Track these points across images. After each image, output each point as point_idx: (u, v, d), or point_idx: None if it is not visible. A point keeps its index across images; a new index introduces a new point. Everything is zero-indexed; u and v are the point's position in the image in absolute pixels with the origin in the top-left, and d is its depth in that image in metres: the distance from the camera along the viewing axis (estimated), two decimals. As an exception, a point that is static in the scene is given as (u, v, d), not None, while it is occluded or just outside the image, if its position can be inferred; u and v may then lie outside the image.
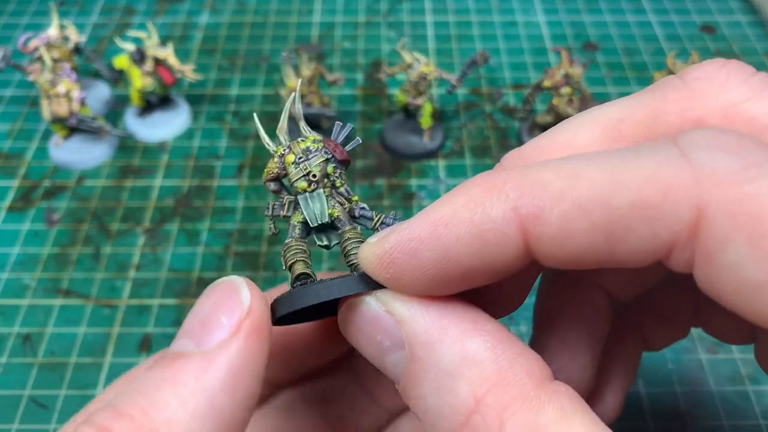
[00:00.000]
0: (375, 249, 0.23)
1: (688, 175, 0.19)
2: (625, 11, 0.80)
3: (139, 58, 0.62)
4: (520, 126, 0.65)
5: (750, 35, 0.76)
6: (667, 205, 0.19)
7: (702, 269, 0.19)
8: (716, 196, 0.18)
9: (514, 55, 0.74)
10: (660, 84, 0.25)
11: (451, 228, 0.21)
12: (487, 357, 0.21)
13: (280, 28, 0.79)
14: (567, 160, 0.21)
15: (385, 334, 0.23)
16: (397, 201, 0.59)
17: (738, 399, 0.44)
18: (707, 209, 0.18)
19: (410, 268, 0.22)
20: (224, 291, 0.24)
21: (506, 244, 0.21)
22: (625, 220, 0.19)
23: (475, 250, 0.21)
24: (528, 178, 0.21)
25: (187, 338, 0.23)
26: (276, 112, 0.67)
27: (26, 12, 0.81)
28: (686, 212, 0.19)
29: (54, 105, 0.60)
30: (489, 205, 0.21)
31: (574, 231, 0.20)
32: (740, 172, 0.18)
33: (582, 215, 0.20)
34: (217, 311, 0.23)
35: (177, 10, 0.81)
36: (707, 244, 0.19)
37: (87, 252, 0.55)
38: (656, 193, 0.19)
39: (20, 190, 0.60)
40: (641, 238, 0.19)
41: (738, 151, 0.19)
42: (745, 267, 0.18)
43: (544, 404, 0.20)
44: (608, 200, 0.19)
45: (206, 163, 0.62)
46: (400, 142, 0.63)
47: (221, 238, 0.56)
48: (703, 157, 0.19)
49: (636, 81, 0.71)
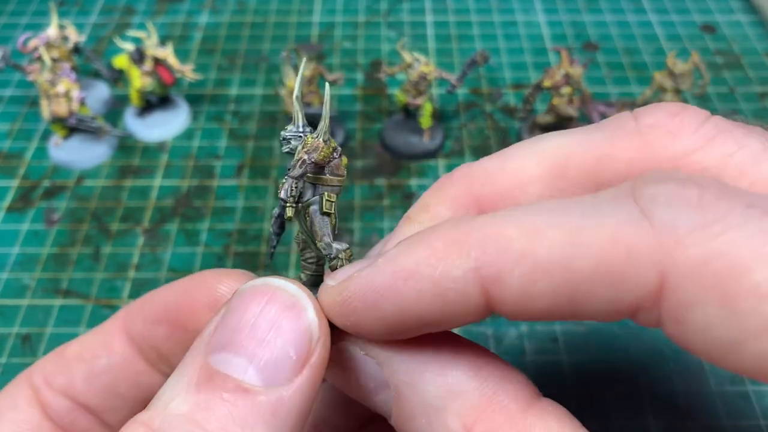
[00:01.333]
0: (334, 296, 0.22)
1: (649, 236, 0.18)
2: (626, 11, 0.80)
3: (139, 57, 0.62)
4: (520, 126, 0.65)
5: (750, 35, 0.76)
6: (630, 270, 0.18)
7: (672, 329, 0.19)
8: (679, 258, 0.18)
9: (514, 55, 0.74)
10: (613, 123, 0.24)
11: (411, 283, 0.21)
12: (470, 386, 0.21)
13: (280, 28, 0.79)
14: (529, 213, 0.20)
15: (368, 377, 0.23)
16: (396, 201, 0.58)
17: (738, 399, 0.44)
18: (671, 273, 0.18)
19: (369, 319, 0.22)
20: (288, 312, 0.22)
21: (466, 302, 0.20)
22: (587, 283, 0.19)
23: (436, 307, 0.21)
24: (490, 235, 0.20)
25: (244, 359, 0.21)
26: (276, 112, 0.67)
27: (26, 12, 0.81)
28: (650, 276, 0.18)
29: (53, 105, 0.60)
30: (450, 263, 0.20)
31: (536, 293, 0.19)
32: (702, 230, 0.18)
33: (543, 277, 0.19)
34: (284, 342, 0.21)
35: (177, 10, 0.81)
36: (674, 306, 0.18)
37: (87, 252, 0.55)
38: (618, 257, 0.18)
39: (20, 190, 0.60)
40: (604, 301, 0.19)
41: (699, 205, 0.18)
42: (715, 327, 0.18)
43: (531, 427, 0.20)
44: (569, 264, 0.19)
45: (206, 163, 0.62)
46: (400, 142, 0.63)
47: (221, 238, 0.56)
48: (663, 215, 0.18)
49: (636, 81, 0.70)
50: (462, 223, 0.21)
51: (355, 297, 0.22)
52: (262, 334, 0.21)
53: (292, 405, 0.21)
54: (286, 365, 0.21)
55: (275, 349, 0.21)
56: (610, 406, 0.44)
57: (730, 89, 0.69)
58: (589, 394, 0.45)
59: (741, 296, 0.17)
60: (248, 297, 0.22)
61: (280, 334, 0.21)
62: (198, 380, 0.20)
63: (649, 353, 0.47)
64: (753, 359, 0.18)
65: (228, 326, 0.21)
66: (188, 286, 0.29)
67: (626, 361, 0.46)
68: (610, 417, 0.44)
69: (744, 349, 0.17)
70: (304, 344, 0.21)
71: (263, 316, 0.21)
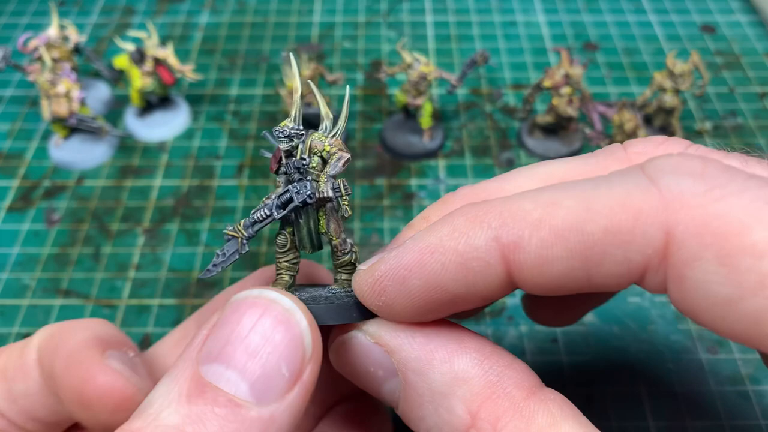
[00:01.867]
0: (366, 277, 0.24)
1: (656, 200, 0.20)
2: (625, 11, 0.80)
3: (139, 58, 0.62)
4: (520, 126, 0.65)
5: (750, 35, 0.76)
6: (638, 229, 0.20)
7: (675, 289, 0.20)
8: (683, 218, 0.19)
9: (514, 55, 0.74)
10: (605, 151, 0.26)
11: (437, 256, 0.22)
12: (476, 374, 0.22)
13: (280, 28, 0.79)
14: (544, 190, 0.22)
15: (378, 365, 0.24)
16: (397, 201, 0.59)
17: (738, 399, 0.44)
18: (675, 231, 0.19)
19: (400, 296, 0.23)
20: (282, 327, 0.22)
21: (489, 272, 0.22)
22: (600, 245, 0.20)
23: (460, 278, 0.22)
24: (508, 208, 0.22)
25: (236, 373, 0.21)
26: (276, 112, 0.67)
27: (26, 12, 0.81)
28: (656, 235, 0.20)
29: (54, 105, 0.60)
30: (472, 234, 0.22)
31: (552, 257, 0.21)
32: (705, 194, 0.19)
33: (559, 242, 0.21)
34: (277, 359, 0.21)
35: (177, 10, 0.81)
36: (677, 264, 0.20)
37: (87, 252, 0.55)
38: (627, 218, 0.20)
39: (20, 190, 0.60)
40: (616, 262, 0.20)
41: (702, 174, 0.20)
42: (714, 284, 0.19)
43: (534, 413, 0.21)
44: (583, 227, 0.20)
45: (206, 163, 0.62)
46: (400, 142, 0.63)
47: (221, 238, 0.56)
48: (670, 182, 0.20)
49: (636, 81, 0.70)
50: (480, 204, 0.22)
51: (386, 275, 0.23)
52: (255, 349, 0.21)
53: (282, 422, 0.21)
54: (278, 382, 0.21)
55: (268, 365, 0.21)
56: (610, 406, 0.44)
57: (729, 89, 0.69)
58: (589, 394, 0.45)
59: (739, 254, 0.18)
60: (242, 308, 0.22)
61: (274, 349, 0.21)
62: (189, 391, 0.20)
63: (649, 353, 0.47)
64: (747, 318, 0.19)
65: (220, 337, 0.21)
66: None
67: (626, 361, 0.46)
68: (609, 417, 0.44)
69: (739, 307, 0.19)
70: (296, 361, 0.22)
71: (257, 330, 0.21)
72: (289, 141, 0.26)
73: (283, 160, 0.26)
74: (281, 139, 0.26)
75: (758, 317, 0.19)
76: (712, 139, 0.64)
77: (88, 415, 0.26)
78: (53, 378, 0.27)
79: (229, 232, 0.27)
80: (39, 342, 0.29)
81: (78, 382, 0.26)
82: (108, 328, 0.29)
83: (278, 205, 0.26)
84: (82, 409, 0.26)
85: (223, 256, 0.27)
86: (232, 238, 0.27)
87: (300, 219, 0.27)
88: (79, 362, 0.26)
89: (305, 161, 0.26)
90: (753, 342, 0.20)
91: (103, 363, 0.26)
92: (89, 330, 0.28)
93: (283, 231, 0.27)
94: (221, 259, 0.27)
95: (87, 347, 0.27)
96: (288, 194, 0.26)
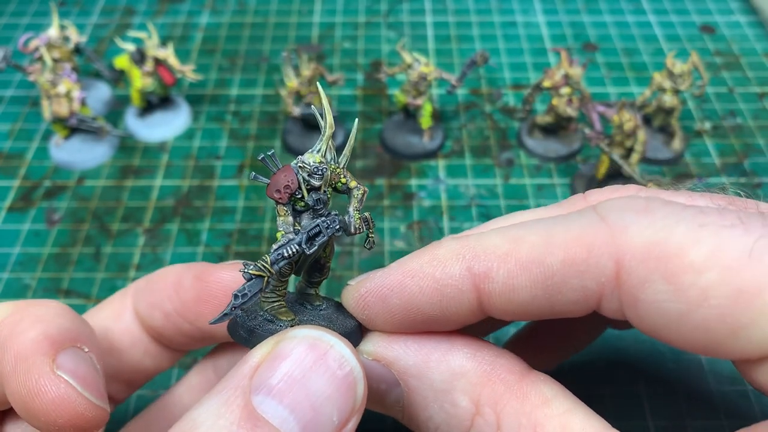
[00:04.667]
0: (353, 292, 0.27)
1: (605, 234, 0.23)
2: (625, 11, 0.80)
3: (140, 58, 0.62)
4: (520, 126, 0.65)
5: (749, 35, 0.76)
6: (592, 260, 0.23)
7: (631, 313, 0.23)
8: (630, 247, 0.22)
9: (514, 56, 0.74)
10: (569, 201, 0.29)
11: (416, 280, 0.25)
12: (471, 366, 0.25)
13: (280, 29, 0.79)
14: (512, 227, 0.25)
15: (379, 379, 0.26)
16: (397, 201, 0.59)
17: (738, 399, 0.44)
18: (624, 259, 0.22)
19: (381, 312, 0.26)
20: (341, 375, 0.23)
21: (461, 298, 0.25)
22: (559, 275, 0.23)
23: (435, 302, 0.25)
24: (481, 243, 0.25)
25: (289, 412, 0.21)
26: (276, 112, 0.68)
27: (27, 12, 0.81)
28: (608, 264, 0.22)
29: (54, 105, 0.60)
30: (449, 264, 0.25)
31: (518, 286, 0.24)
32: (647, 226, 0.22)
33: (523, 273, 0.23)
34: (331, 408, 0.22)
35: (177, 11, 0.81)
36: (630, 288, 0.22)
37: (87, 252, 0.55)
38: (581, 251, 0.23)
39: (21, 190, 0.60)
40: (573, 290, 0.23)
41: (645, 209, 0.23)
42: (665, 302, 0.22)
43: (528, 393, 0.24)
44: (543, 259, 0.23)
45: (206, 163, 0.62)
46: (400, 142, 0.63)
47: (221, 238, 0.56)
48: (617, 218, 0.23)
49: (635, 81, 0.71)
50: (459, 238, 0.26)
51: (370, 293, 0.26)
52: (312, 392, 0.22)
53: None
54: (327, 428, 0.22)
55: (321, 410, 0.22)
56: (610, 406, 0.44)
57: (729, 89, 0.69)
58: (589, 394, 0.45)
59: (680, 272, 0.21)
60: (301, 347, 0.23)
61: (330, 397, 0.22)
62: (241, 421, 0.21)
63: (649, 353, 0.47)
64: (698, 329, 0.21)
65: (275, 370, 0.22)
66: (182, 277, 0.31)
67: (626, 361, 0.46)
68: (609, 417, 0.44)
69: (689, 319, 0.21)
70: (347, 410, 0.23)
71: (317, 373, 0.22)
72: (322, 178, 0.26)
73: (301, 191, 0.25)
74: (316, 176, 0.25)
75: (706, 326, 0.21)
76: (712, 139, 0.64)
77: (36, 424, 0.26)
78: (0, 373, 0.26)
79: (253, 272, 0.25)
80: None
81: (26, 393, 0.25)
82: (63, 317, 0.28)
83: (306, 240, 0.26)
84: (30, 418, 0.26)
85: (243, 297, 0.25)
86: (256, 278, 0.25)
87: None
88: (28, 371, 0.25)
89: (327, 195, 0.26)
90: (708, 349, 0.22)
91: (53, 374, 0.25)
92: (41, 324, 0.27)
93: (291, 260, 0.26)
94: (242, 301, 0.25)
95: (37, 351, 0.26)
96: (317, 229, 0.26)
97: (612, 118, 0.58)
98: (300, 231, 0.26)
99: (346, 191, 0.27)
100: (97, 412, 0.26)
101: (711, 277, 0.21)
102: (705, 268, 0.21)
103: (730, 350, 0.21)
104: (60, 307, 0.28)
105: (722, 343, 0.21)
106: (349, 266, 0.53)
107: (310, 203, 0.26)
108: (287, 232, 0.26)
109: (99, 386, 0.26)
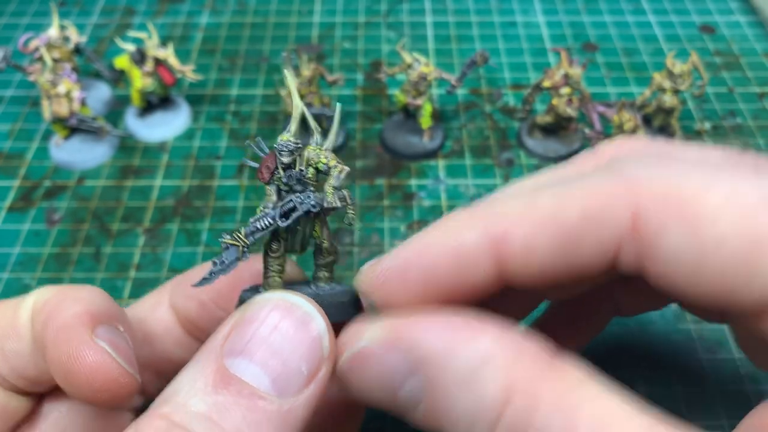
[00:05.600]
0: (370, 272, 0.27)
1: (621, 186, 0.23)
2: (625, 11, 0.80)
3: (140, 58, 0.62)
4: (520, 126, 0.65)
5: (749, 35, 0.76)
6: (607, 212, 0.23)
7: (648, 262, 0.23)
8: (647, 195, 0.22)
9: (514, 56, 0.74)
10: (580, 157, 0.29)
11: (433, 251, 0.25)
12: (497, 351, 0.23)
13: (280, 29, 0.79)
14: (523, 194, 0.25)
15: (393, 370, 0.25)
16: (397, 201, 0.59)
17: (738, 399, 0.44)
18: (641, 208, 0.22)
19: (400, 286, 0.26)
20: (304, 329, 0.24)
21: (479, 265, 0.24)
22: (575, 230, 0.23)
23: (453, 271, 0.25)
24: (495, 211, 0.25)
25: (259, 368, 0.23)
26: (276, 112, 0.68)
27: (27, 12, 0.81)
28: (624, 215, 0.23)
29: (54, 105, 0.60)
30: (464, 232, 0.25)
31: (535, 247, 0.24)
32: (661, 174, 0.22)
33: (540, 232, 0.23)
34: (298, 358, 0.23)
35: (177, 11, 0.81)
36: (646, 237, 0.22)
37: (87, 252, 0.55)
38: (597, 204, 0.23)
39: (21, 190, 0.60)
40: (590, 245, 0.23)
41: (659, 163, 0.23)
42: (682, 247, 0.22)
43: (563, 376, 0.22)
44: (561, 216, 0.23)
45: (206, 163, 0.62)
46: (399, 142, 0.63)
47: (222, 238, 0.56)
48: (632, 170, 0.23)
49: (635, 81, 0.71)
50: (471, 207, 0.26)
51: (388, 268, 0.26)
52: (278, 347, 0.23)
53: (298, 414, 0.23)
54: (297, 378, 0.23)
55: (289, 363, 0.23)
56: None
57: (729, 89, 0.69)
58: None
59: (697, 217, 0.21)
60: (266, 309, 0.24)
61: (295, 349, 0.23)
62: (215, 382, 0.22)
63: (649, 353, 0.47)
64: (713, 276, 0.22)
65: (244, 334, 0.23)
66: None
67: (626, 361, 0.46)
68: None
69: (705, 265, 0.21)
70: (314, 360, 0.24)
71: (280, 330, 0.24)
72: (290, 155, 0.28)
73: (279, 171, 0.28)
74: (284, 153, 0.27)
75: (723, 271, 0.21)
76: (712, 139, 0.64)
77: (72, 389, 0.27)
78: (43, 345, 0.28)
79: (228, 241, 0.28)
80: (33, 304, 0.30)
81: (66, 359, 0.27)
82: (101, 299, 0.30)
83: (281, 214, 0.27)
84: (68, 384, 0.27)
85: (221, 264, 0.28)
86: (231, 246, 0.28)
87: (297, 226, 0.28)
88: (69, 339, 0.27)
89: (304, 172, 0.28)
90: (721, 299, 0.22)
91: (92, 341, 0.27)
92: (82, 303, 0.28)
93: (278, 237, 0.29)
94: (219, 267, 0.28)
95: (78, 323, 0.27)
96: (291, 204, 0.27)
97: (612, 118, 0.59)
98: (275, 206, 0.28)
99: (327, 171, 0.28)
100: (130, 379, 0.27)
101: (727, 221, 0.21)
102: (721, 212, 0.21)
103: (744, 298, 0.22)
104: (98, 291, 0.30)
105: (737, 290, 0.21)
106: (350, 266, 0.53)
107: (284, 180, 0.27)
108: (265, 208, 0.28)
109: (132, 358, 0.28)
